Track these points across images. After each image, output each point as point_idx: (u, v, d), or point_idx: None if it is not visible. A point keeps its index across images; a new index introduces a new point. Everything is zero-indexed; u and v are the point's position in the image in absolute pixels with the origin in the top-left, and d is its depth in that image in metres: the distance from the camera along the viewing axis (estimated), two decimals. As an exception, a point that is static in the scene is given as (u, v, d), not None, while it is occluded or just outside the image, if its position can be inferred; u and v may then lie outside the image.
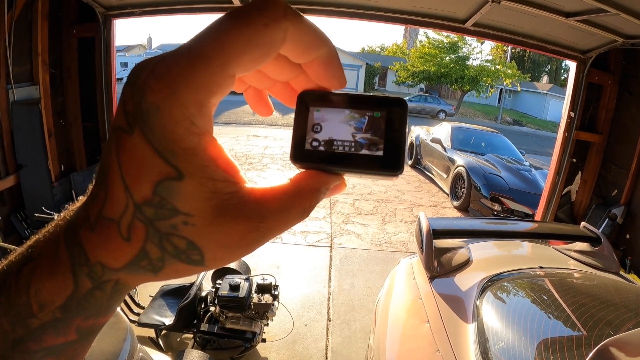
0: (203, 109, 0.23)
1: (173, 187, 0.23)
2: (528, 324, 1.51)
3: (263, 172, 8.57)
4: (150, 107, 0.22)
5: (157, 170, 0.22)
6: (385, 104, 0.29)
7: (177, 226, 0.23)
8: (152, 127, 0.22)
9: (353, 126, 0.29)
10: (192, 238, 0.24)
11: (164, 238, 0.23)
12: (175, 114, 0.22)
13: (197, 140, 0.23)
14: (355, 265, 4.73)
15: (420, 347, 1.63)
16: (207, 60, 0.22)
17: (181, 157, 0.22)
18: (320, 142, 0.29)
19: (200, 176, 0.23)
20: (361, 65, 34.75)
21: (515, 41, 4.73)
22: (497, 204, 6.57)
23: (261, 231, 0.24)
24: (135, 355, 1.61)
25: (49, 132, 4.12)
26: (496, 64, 25.88)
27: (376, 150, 0.28)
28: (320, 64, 0.27)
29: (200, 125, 0.23)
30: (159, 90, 0.22)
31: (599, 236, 2.31)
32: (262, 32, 0.23)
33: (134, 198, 0.23)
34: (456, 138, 8.73)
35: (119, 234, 0.23)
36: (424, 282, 2.06)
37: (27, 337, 0.25)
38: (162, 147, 0.22)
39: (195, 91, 0.22)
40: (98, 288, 0.25)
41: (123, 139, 0.23)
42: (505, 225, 2.80)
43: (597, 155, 4.82)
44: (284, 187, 0.26)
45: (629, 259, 4.18)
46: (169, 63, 0.22)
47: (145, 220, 0.23)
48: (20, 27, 3.66)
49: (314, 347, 3.22)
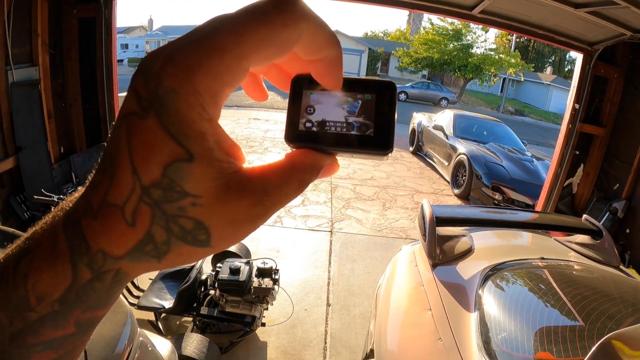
0: (215, 98, 0.23)
1: (183, 169, 0.23)
2: (530, 315, 1.52)
3: (264, 155, 8.55)
4: (167, 91, 0.22)
5: (169, 152, 0.23)
6: (375, 87, 0.30)
7: (185, 208, 0.24)
8: (167, 110, 0.22)
9: (344, 108, 0.30)
10: (199, 217, 0.24)
11: (170, 220, 0.24)
12: (190, 99, 0.23)
13: (206, 126, 0.23)
14: (356, 251, 4.75)
15: (421, 335, 1.63)
16: (224, 53, 0.23)
17: (192, 139, 0.23)
18: (313, 123, 0.30)
19: (208, 158, 0.24)
20: (364, 50, 34.44)
21: (523, 30, 4.66)
22: (498, 193, 6.56)
23: (265, 204, 0.25)
24: (136, 340, 1.61)
25: (49, 114, 4.08)
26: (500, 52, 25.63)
27: (367, 131, 0.29)
28: (325, 65, 0.27)
29: (210, 112, 0.23)
30: (177, 76, 0.22)
31: (600, 229, 2.31)
32: (280, 31, 0.23)
33: (141, 181, 0.23)
34: (458, 126, 8.67)
35: (123, 219, 0.23)
36: (426, 270, 2.07)
37: (26, 330, 0.25)
38: (175, 130, 0.23)
39: (211, 80, 0.23)
40: (97, 279, 0.25)
41: (136, 123, 0.23)
42: (507, 215, 2.80)
43: (600, 149, 4.80)
44: (281, 163, 0.27)
45: (629, 253, 4.19)
46: (188, 52, 0.23)
47: (151, 203, 0.23)
48: (19, 7, 3.60)
49: (313, 332, 3.24)
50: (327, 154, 0.30)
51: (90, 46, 4.56)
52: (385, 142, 0.29)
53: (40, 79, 3.93)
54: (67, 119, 4.62)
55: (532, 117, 26.92)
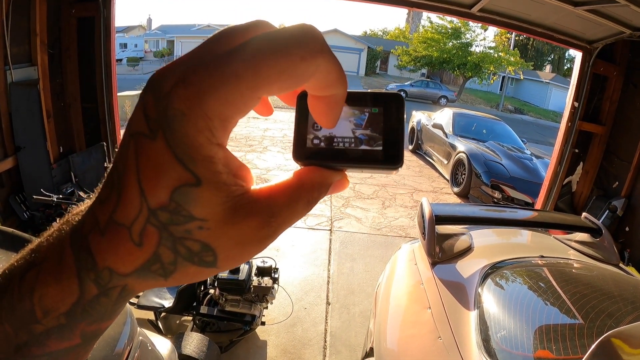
0: (225, 123, 0.23)
1: (190, 194, 0.23)
2: (530, 313, 1.52)
3: (263, 154, 8.55)
4: (176, 114, 0.22)
5: (176, 176, 0.23)
6: (382, 100, 0.30)
7: (191, 231, 0.24)
8: (175, 134, 0.22)
9: (352, 123, 0.29)
10: (206, 240, 0.24)
11: (177, 242, 0.24)
12: (199, 123, 0.22)
13: (215, 150, 0.23)
14: (355, 249, 4.75)
15: (421, 333, 1.63)
16: (240, 80, 0.22)
17: (200, 164, 0.23)
18: (321, 140, 0.29)
19: (216, 182, 0.23)
20: (363, 49, 34.39)
21: (522, 28, 4.66)
22: (497, 192, 6.57)
23: (272, 226, 0.25)
24: (135, 339, 1.61)
25: (48, 114, 4.08)
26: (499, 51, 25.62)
27: (375, 145, 0.29)
28: (328, 104, 0.27)
29: (219, 137, 0.23)
30: (188, 99, 0.22)
31: (599, 227, 2.31)
32: (297, 64, 0.23)
33: (149, 203, 0.23)
34: (458, 124, 8.67)
35: (130, 239, 0.23)
36: (425, 268, 2.07)
37: (31, 342, 0.25)
38: (182, 154, 0.22)
39: (223, 106, 0.22)
40: (104, 294, 0.25)
41: (144, 144, 0.23)
42: (507, 213, 2.80)
43: (600, 147, 4.80)
44: (289, 182, 0.27)
45: (628, 251, 4.19)
46: (202, 74, 0.22)
47: (158, 226, 0.23)
48: (18, 6, 3.59)
49: (313, 331, 3.25)
50: (336, 170, 0.29)
51: (89, 46, 4.54)
52: (395, 156, 0.29)
53: (39, 79, 3.92)
54: (66, 119, 4.61)
55: (532, 116, 26.93)
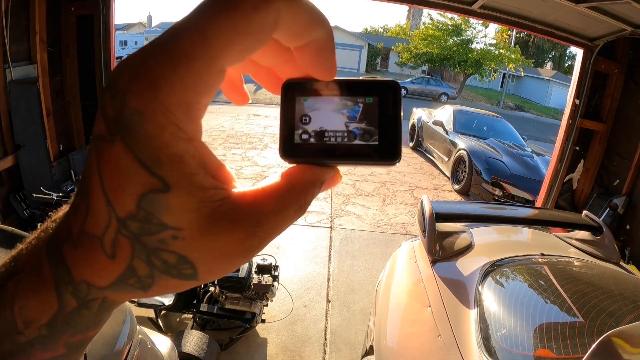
0: (190, 112, 0.21)
1: (159, 200, 0.21)
2: (530, 311, 1.51)
3: (264, 151, 8.54)
4: (132, 113, 0.20)
5: (141, 182, 0.20)
6: (377, 88, 0.27)
7: (165, 241, 0.21)
8: (135, 135, 0.20)
9: (344, 114, 0.27)
10: (182, 252, 0.22)
11: (152, 254, 0.22)
12: (159, 119, 0.20)
13: (184, 147, 0.21)
14: (355, 247, 4.75)
15: (421, 331, 1.63)
16: (191, 58, 0.20)
17: (167, 166, 0.21)
18: (310, 134, 0.27)
19: (188, 186, 0.21)
20: (363, 46, 34.31)
21: (523, 25, 4.64)
22: (498, 189, 6.56)
23: (259, 236, 0.23)
24: (135, 337, 1.61)
25: (48, 112, 4.07)
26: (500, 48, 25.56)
27: (371, 140, 0.27)
28: (313, 50, 0.24)
29: (188, 130, 0.21)
30: (141, 94, 0.20)
31: (600, 225, 2.31)
32: (251, 17, 0.20)
33: (116, 213, 0.21)
34: (458, 121, 8.66)
35: (102, 251, 0.22)
36: (425, 266, 2.06)
37: (15, 352, 0.24)
38: (145, 157, 0.20)
39: (181, 93, 0.20)
40: (84, 306, 0.24)
41: (104, 149, 0.21)
42: (508, 211, 2.79)
43: (601, 144, 4.79)
44: (277, 185, 0.24)
45: (629, 249, 4.19)
46: (151, 63, 0.20)
47: (130, 236, 0.21)
48: (17, 4, 3.59)
49: (313, 328, 3.25)
50: (328, 166, 0.27)
51: (88, 43, 4.54)
52: (393, 150, 0.27)
53: (38, 77, 3.92)
54: (66, 117, 4.60)
55: (532, 113, 26.88)
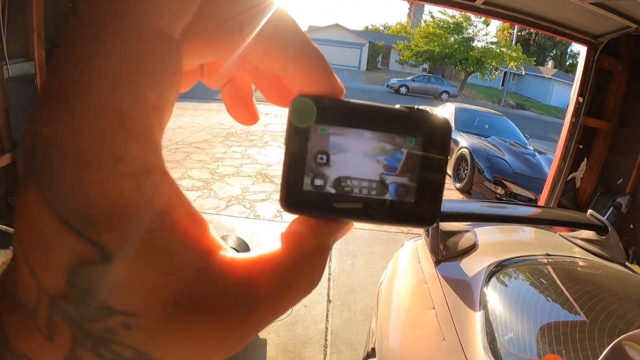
0: (134, 130, 0.14)
1: (97, 275, 0.14)
2: (538, 314, 1.48)
3: (264, 149, 8.51)
4: (46, 144, 0.14)
5: (68, 250, 0.14)
6: (422, 126, 0.20)
7: (115, 331, 0.15)
8: (50, 182, 0.14)
9: (380, 162, 0.20)
10: (141, 347, 0.16)
11: (99, 344, 0.16)
12: (83, 151, 0.14)
13: (130, 189, 0.14)
14: (356, 246, 4.72)
15: (425, 334, 1.60)
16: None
17: (104, 225, 0.14)
18: (326, 180, 0.20)
19: (142, 252, 0.15)
20: (364, 44, 34.29)
21: (526, 22, 4.60)
22: (500, 188, 6.53)
23: (248, 328, 0.17)
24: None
25: (46, 109, 4.05)
26: (501, 46, 25.53)
27: (407, 195, 0.21)
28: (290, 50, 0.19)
29: (134, 159, 0.14)
30: (55, 120, 0.14)
31: (605, 225, 2.27)
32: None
33: (44, 288, 0.15)
34: (460, 119, 8.63)
35: (37, 329, 0.16)
36: (429, 266, 2.03)
37: None
38: (69, 214, 0.14)
39: (108, 110, 0.14)
40: None
41: (21, 199, 0.15)
42: (512, 210, 2.75)
43: (604, 143, 4.75)
44: (280, 253, 0.18)
45: (632, 249, 4.16)
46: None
47: (67, 320, 0.15)
48: (15, 1, 3.55)
49: (313, 329, 3.21)
50: (343, 222, 0.21)
51: (87, 40, 4.51)
52: (431, 212, 0.21)
53: (36, 74, 3.89)
54: (65, 114, 4.58)
55: (533, 111, 26.87)
